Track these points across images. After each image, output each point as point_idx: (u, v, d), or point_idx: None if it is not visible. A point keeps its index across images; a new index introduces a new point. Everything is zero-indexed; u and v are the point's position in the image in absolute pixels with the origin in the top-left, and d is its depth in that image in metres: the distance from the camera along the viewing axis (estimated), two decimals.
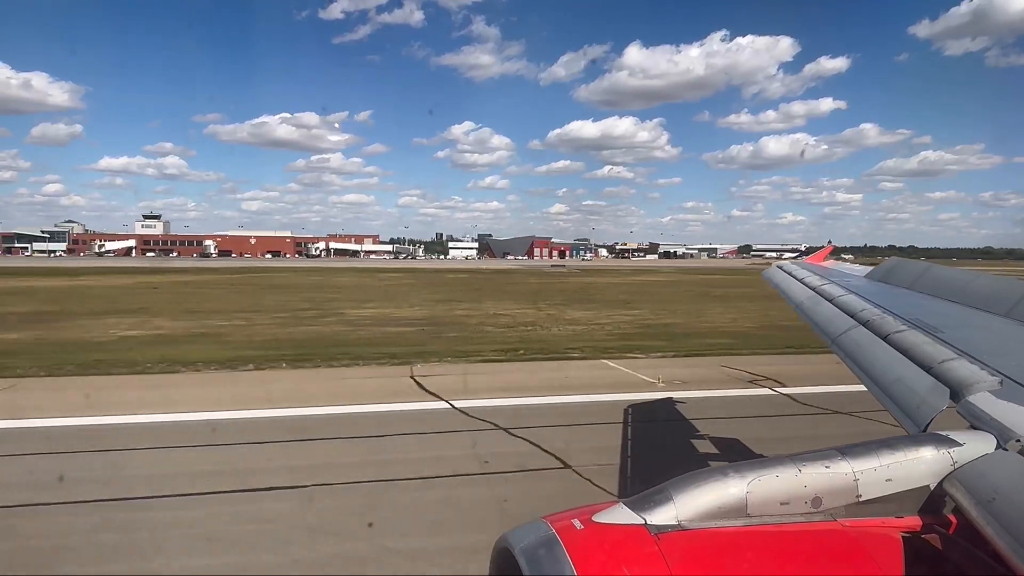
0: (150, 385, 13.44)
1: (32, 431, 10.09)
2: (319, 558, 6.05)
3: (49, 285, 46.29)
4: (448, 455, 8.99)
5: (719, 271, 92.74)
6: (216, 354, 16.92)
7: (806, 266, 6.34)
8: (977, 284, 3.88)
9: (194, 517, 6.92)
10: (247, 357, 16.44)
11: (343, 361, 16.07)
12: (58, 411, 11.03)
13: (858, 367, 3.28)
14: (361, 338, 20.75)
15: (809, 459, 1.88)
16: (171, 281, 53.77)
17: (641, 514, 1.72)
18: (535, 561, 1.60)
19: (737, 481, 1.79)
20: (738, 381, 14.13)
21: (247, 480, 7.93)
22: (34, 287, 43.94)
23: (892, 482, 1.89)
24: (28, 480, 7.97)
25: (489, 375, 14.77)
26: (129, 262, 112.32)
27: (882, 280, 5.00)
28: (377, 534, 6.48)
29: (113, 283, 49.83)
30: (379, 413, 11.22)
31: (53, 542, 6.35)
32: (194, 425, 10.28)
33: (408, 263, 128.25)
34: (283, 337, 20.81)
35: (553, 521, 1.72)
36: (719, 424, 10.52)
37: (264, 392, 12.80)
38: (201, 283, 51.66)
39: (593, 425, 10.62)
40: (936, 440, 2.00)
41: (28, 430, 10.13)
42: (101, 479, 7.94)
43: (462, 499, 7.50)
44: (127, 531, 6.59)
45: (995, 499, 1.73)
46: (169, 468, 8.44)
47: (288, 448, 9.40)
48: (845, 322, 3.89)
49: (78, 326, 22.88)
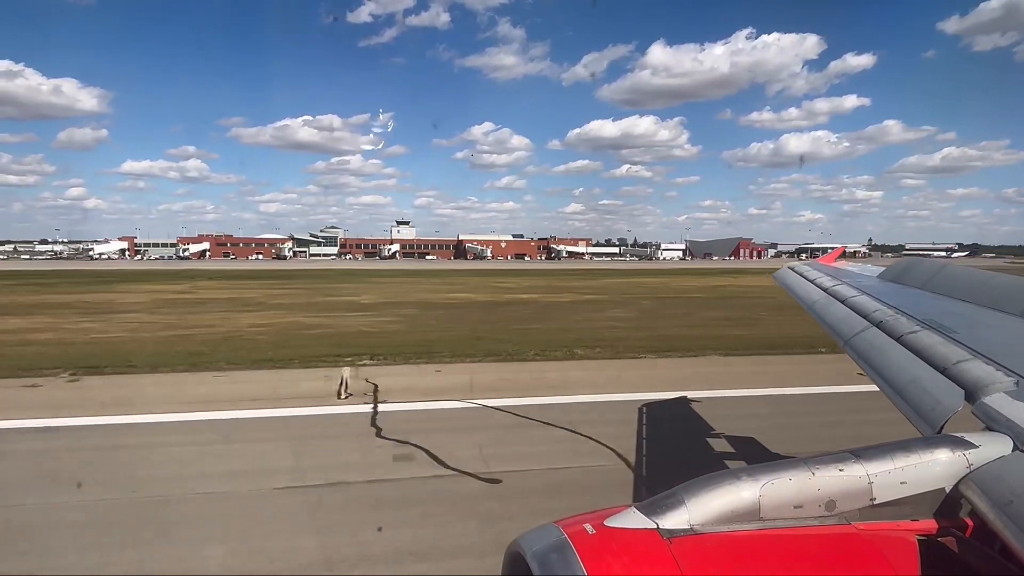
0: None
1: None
2: None
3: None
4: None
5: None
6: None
7: (818, 267, 6.29)
8: (992, 284, 3.83)
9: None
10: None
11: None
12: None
13: (872, 368, 3.25)
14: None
15: (822, 462, 1.87)
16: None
17: (653, 518, 1.72)
18: (547, 565, 1.60)
19: (750, 485, 1.78)
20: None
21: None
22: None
23: (907, 485, 1.87)
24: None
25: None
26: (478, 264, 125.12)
27: (895, 280, 4.96)
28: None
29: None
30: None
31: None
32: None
33: (646, 264, 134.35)
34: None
35: (565, 525, 1.73)
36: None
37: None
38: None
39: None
40: (951, 442, 1.98)
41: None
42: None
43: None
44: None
45: (1013, 502, 1.71)
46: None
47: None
48: (858, 323, 3.86)
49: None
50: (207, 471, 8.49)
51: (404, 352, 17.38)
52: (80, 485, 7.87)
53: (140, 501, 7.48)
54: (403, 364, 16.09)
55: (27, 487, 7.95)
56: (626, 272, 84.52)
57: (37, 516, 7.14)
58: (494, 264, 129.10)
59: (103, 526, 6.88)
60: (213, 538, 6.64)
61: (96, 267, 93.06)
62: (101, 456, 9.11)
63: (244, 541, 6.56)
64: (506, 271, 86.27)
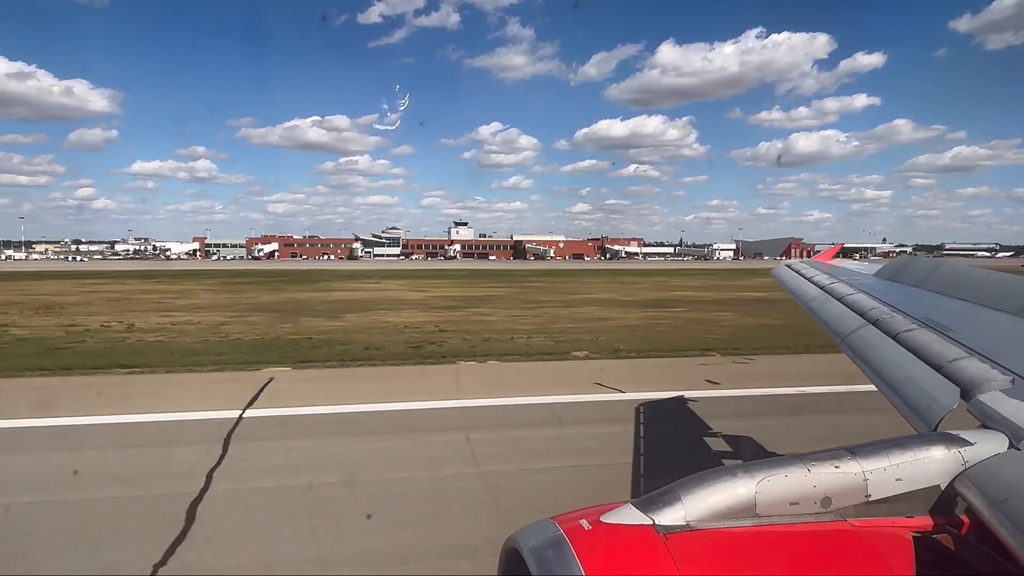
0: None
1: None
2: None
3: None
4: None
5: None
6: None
7: (815, 264, 6.30)
8: (988, 282, 3.84)
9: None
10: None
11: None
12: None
13: (867, 366, 3.26)
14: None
15: (818, 459, 1.87)
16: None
17: (649, 514, 1.72)
18: (543, 562, 1.60)
19: (746, 481, 1.78)
20: None
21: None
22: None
23: (902, 482, 1.87)
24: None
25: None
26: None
27: (892, 278, 4.97)
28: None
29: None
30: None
31: None
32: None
33: (706, 264, 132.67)
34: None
35: (561, 521, 1.73)
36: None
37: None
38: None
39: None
40: (947, 439, 1.99)
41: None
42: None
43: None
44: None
45: (1008, 499, 1.71)
46: None
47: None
48: (854, 321, 3.87)
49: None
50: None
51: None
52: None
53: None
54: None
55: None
56: (705, 272, 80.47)
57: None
58: (567, 264, 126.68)
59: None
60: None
61: (223, 267, 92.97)
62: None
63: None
64: (609, 271, 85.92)
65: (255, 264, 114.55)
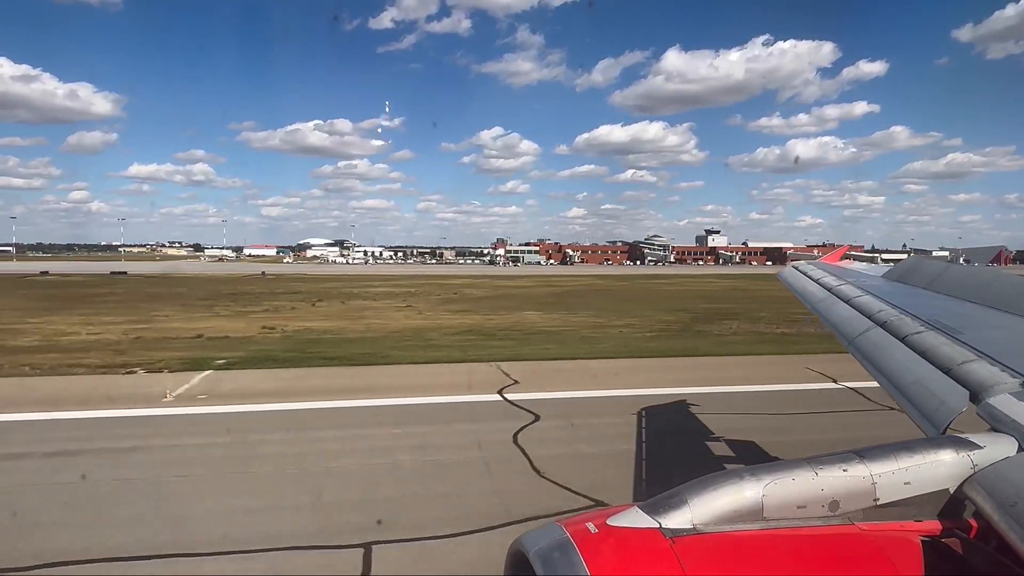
0: None
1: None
2: None
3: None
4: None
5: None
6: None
7: (822, 266, 6.27)
8: (997, 284, 3.82)
9: None
10: None
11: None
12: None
13: (876, 369, 3.24)
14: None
15: (826, 462, 1.86)
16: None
17: (656, 518, 1.71)
18: (550, 564, 1.60)
19: (753, 484, 1.77)
20: None
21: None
22: None
23: (911, 485, 1.86)
24: None
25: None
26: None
27: (899, 280, 4.94)
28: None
29: None
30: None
31: None
32: None
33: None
34: None
35: (567, 524, 1.72)
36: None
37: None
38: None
39: None
40: (955, 443, 1.97)
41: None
42: None
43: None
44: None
45: (1018, 503, 1.70)
46: None
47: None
48: (862, 323, 3.85)
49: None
50: None
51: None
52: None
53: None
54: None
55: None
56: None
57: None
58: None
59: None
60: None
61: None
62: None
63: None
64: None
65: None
